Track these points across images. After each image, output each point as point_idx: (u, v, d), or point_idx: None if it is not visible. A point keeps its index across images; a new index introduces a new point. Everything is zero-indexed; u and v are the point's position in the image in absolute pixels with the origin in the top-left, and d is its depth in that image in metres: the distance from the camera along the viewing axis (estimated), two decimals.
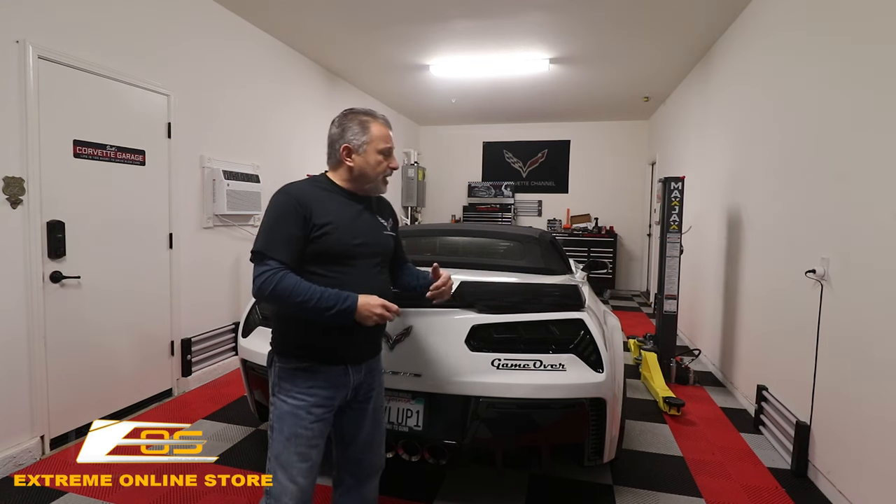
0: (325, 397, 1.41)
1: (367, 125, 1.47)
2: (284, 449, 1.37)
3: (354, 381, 1.47)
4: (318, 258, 1.38)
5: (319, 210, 1.38)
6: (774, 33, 2.98)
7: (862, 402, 1.98)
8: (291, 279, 1.31)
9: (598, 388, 1.84)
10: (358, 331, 1.41)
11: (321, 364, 1.41)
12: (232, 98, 3.76)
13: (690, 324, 4.66)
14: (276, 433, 1.39)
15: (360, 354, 1.49)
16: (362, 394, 1.52)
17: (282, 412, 1.40)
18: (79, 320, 2.61)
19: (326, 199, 1.43)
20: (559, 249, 2.82)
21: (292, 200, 1.36)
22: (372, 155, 1.46)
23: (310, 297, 1.30)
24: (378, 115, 1.51)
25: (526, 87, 5.74)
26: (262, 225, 1.38)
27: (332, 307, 1.31)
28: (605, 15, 3.67)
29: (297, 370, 1.41)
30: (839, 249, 2.16)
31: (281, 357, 1.43)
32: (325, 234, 1.38)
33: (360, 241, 1.44)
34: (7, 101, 2.25)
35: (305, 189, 1.42)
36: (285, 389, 1.41)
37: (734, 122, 3.63)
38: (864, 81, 2.04)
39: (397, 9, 3.65)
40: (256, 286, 1.31)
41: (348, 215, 1.45)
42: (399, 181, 7.43)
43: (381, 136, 1.48)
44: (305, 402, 1.39)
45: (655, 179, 6.04)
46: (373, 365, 1.55)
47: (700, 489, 2.23)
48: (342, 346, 1.43)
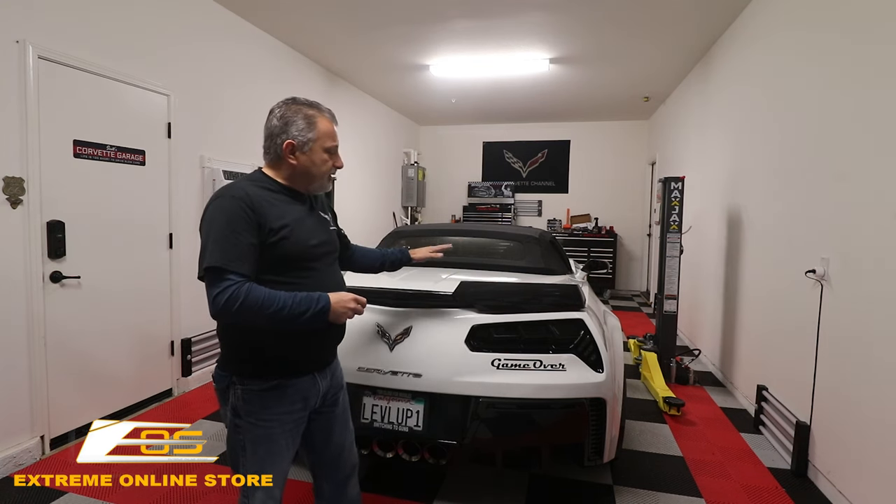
0: (298, 410, 1.34)
1: (313, 121, 1.34)
2: (261, 468, 1.31)
3: (322, 387, 1.41)
4: (276, 265, 1.27)
5: (272, 214, 1.27)
6: (774, 33, 2.98)
7: (862, 402, 1.98)
8: (259, 291, 1.18)
9: (598, 388, 1.84)
10: (326, 334, 1.36)
11: (289, 378, 1.32)
12: (232, 98, 3.76)
13: (690, 324, 4.66)
14: (250, 455, 1.30)
15: (324, 359, 1.43)
16: (329, 399, 1.46)
17: (255, 436, 1.29)
18: (79, 320, 2.61)
19: (275, 201, 1.31)
20: (559, 249, 2.82)
21: (241, 205, 1.22)
22: (318, 153, 1.35)
23: (282, 305, 1.18)
24: (324, 109, 1.39)
25: (526, 87, 5.74)
26: (209, 235, 1.20)
27: (307, 311, 1.21)
28: (605, 15, 3.67)
29: (264, 391, 1.29)
30: (839, 249, 2.16)
31: (242, 378, 1.30)
32: (283, 239, 1.27)
33: (316, 241, 1.37)
34: (7, 101, 2.25)
35: (251, 191, 1.27)
36: (254, 413, 1.29)
37: (734, 122, 3.63)
38: (864, 81, 2.04)
39: (397, 9, 3.65)
40: (219, 304, 1.15)
41: (298, 214, 1.35)
42: (399, 181, 7.43)
43: (328, 133, 1.37)
44: (279, 420, 1.30)
45: (655, 179, 6.04)
46: (334, 367, 1.49)
47: (700, 489, 2.23)
48: (308, 353, 1.36)
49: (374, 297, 1.92)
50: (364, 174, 6.27)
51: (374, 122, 6.55)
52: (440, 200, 8.45)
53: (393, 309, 1.96)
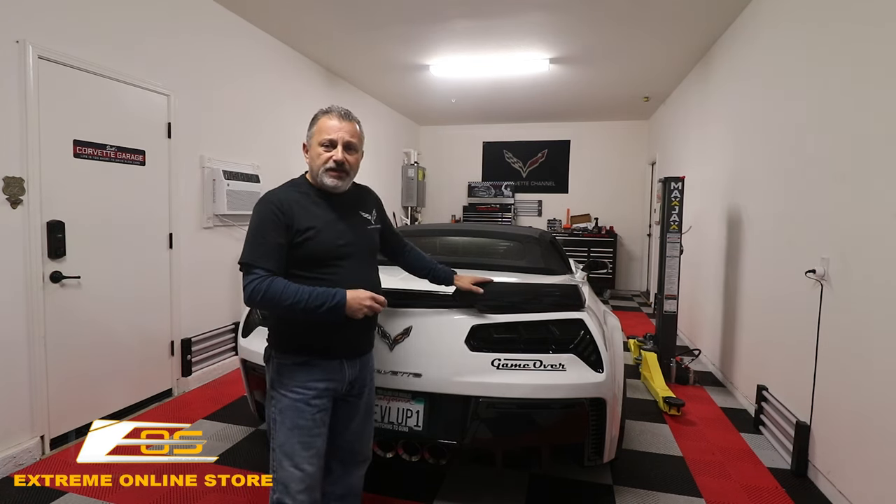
0: (323, 389, 1.46)
1: (315, 119, 1.50)
2: (287, 440, 1.41)
3: (350, 375, 1.51)
4: (305, 262, 1.41)
5: (301, 215, 1.41)
6: (774, 33, 2.98)
7: (862, 402, 1.98)
8: (279, 284, 1.33)
9: (598, 388, 1.84)
10: (350, 326, 1.44)
11: (318, 358, 1.45)
12: (232, 98, 3.76)
13: (690, 324, 4.66)
14: (279, 425, 1.43)
15: (354, 349, 1.53)
16: (356, 389, 1.56)
17: (283, 406, 1.43)
18: (79, 320, 2.60)
19: (306, 203, 1.45)
20: (559, 249, 2.82)
21: (272, 208, 1.39)
22: (314, 148, 1.47)
23: (298, 298, 1.33)
24: (332, 109, 1.51)
25: (526, 87, 5.74)
26: (246, 235, 1.40)
27: (322, 305, 1.34)
28: (605, 14, 3.67)
29: (295, 365, 1.44)
30: (839, 249, 2.16)
31: (279, 353, 1.47)
32: (308, 240, 1.40)
33: (344, 241, 1.47)
34: (7, 101, 2.25)
35: (285, 195, 1.44)
36: (285, 384, 1.44)
37: (734, 122, 3.63)
38: (865, 81, 2.04)
39: (397, 9, 3.65)
40: (246, 295, 1.35)
41: (330, 216, 1.47)
42: (399, 181, 7.43)
43: (323, 127, 1.47)
44: (305, 394, 1.43)
45: (655, 179, 6.04)
46: (366, 360, 1.59)
47: (700, 489, 2.23)
48: (337, 341, 1.47)
49: None
50: (364, 174, 6.24)
51: (374, 122, 6.55)
52: (440, 200, 8.45)
53: (393, 309, 1.96)
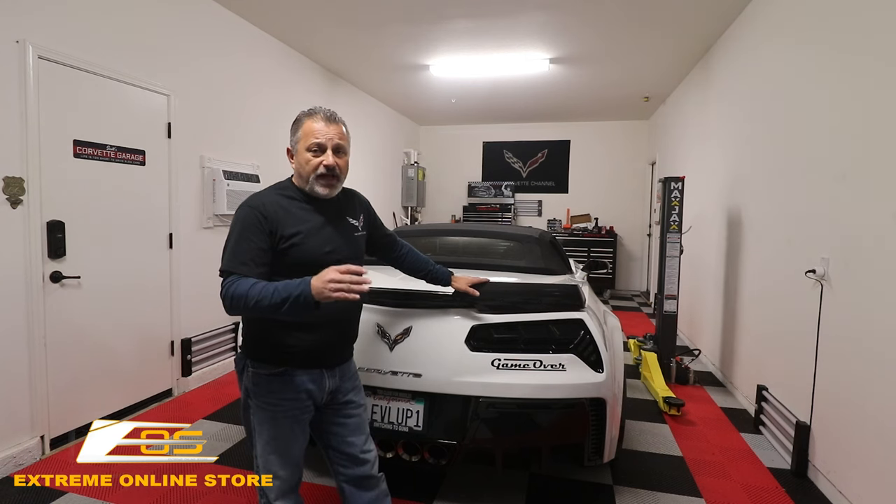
0: (303, 400, 1.41)
1: (299, 122, 1.42)
2: (264, 451, 1.40)
3: (330, 385, 1.45)
4: (290, 269, 1.32)
5: (286, 221, 1.35)
6: (774, 33, 2.98)
7: (862, 402, 1.98)
8: (243, 284, 1.24)
9: (598, 388, 1.84)
10: (327, 332, 1.41)
11: (296, 368, 1.39)
12: (232, 98, 3.76)
13: (690, 324, 4.66)
14: (257, 435, 1.41)
15: (333, 358, 1.47)
16: (340, 398, 1.50)
17: (260, 418, 1.40)
18: (79, 320, 2.61)
19: (291, 208, 1.38)
20: (559, 249, 2.82)
21: (256, 214, 1.32)
22: (302, 154, 1.39)
23: (263, 295, 1.22)
24: (317, 111, 1.41)
25: (526, 87, 5.74)
26: (226, 241, 1.33)
27: (287, 298, 1.20)
28: (605, 15, 3.67)
29: (272, 376, 1.38)
30: (839, 249, 2.16)
31: (255, 362, 1.40)
32: (294, 246, 1.34)
33: (331, 248, 1.40)
34: (7, 101, 2.25)
35: (269, 199, 1.37)
36: (260, 395, 1.39)
37: (734, 122, 3.63)
38: (865, 81, 2.04)
39: (397, 9, 3.65)
40: (223, 301, 1.27)
41: (316, 222, 1.40)
42: (399, 181, 7.43)
43: (309, 131, 1.39)
44: (282, 406, 1.39)
45: (655, 179, 6.04)
46: (345, 369, 1.52)
47: (700, 489, 2.23)
48: (314, 349, 1.40)
49: (373, 297, 1.92)
50: (364, 174, 6.26)
51: (373, 122, 6.55)
52: (440, 200, 8.45)
53: (393, 309, 1.96)
